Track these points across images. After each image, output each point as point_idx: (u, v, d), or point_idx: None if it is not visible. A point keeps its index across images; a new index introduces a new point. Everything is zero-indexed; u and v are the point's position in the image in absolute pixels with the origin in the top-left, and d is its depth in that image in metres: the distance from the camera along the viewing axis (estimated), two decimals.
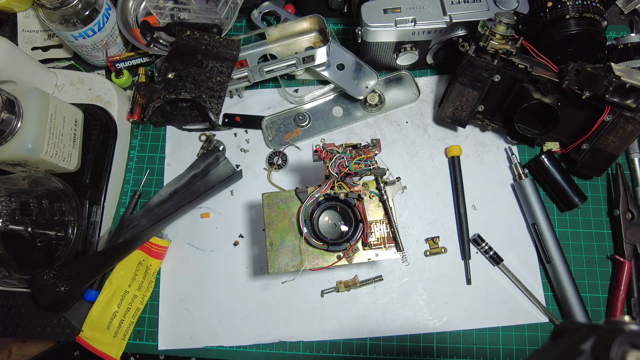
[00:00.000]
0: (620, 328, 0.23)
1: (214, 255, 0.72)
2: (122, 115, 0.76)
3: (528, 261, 0.69)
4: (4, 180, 0.62)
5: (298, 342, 0.68)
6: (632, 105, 0.59)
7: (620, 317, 0.27)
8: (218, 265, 0.71)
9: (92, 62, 0.81)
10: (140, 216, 0.71)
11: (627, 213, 0.69)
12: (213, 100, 0.68)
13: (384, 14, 0.67)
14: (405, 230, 0.71)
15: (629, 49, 0.72)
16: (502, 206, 0.72)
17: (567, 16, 0.64)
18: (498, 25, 0.60)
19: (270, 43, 0.78)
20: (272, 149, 0.76)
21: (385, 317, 0.68)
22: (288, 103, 0.79)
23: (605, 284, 0.69)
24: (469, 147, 0.75)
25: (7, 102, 0.58)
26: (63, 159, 0.65)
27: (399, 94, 0.79)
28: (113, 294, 0.67)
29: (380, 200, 0.55)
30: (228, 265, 0.71)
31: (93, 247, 0.69)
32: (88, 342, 0.66)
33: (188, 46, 0.71)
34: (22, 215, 0.61)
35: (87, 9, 0.70)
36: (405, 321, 0.68)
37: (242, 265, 0.71)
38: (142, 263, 0.69)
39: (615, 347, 0.23)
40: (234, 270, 0.71)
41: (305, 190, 0.53)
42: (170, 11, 0.77)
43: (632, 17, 0.82)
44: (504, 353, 0.66)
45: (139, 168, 0.77)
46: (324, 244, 0.52)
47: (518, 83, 0.64)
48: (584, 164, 0.68)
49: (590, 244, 0.71)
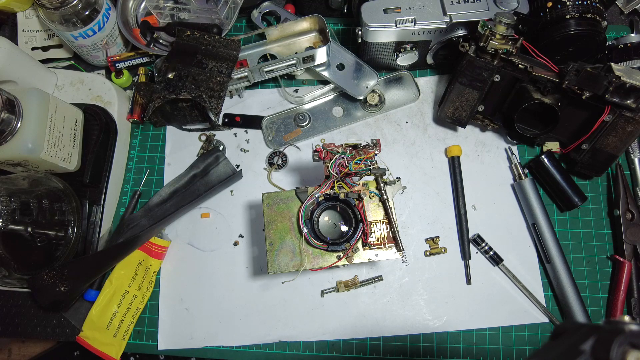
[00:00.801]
0: (620, 328, 0.23)
1: (214, 255, 0.72)
2: (122, 115, 0.76)
3: (528, 261, 0.69)
4: (4, 180, 0.62)
5: (298, 342, 0.68)
6: (632, 105, 0.59)
7: (620, 317, 0.27)
8: (218, 265, 0.71)
9: (92, 62, 0.81)
10: (140, 216, 0.71)
11: (627, 213, 0.69)
12: (213, 100, 0.68)
13: (384, 14, 0.67)
14: (405, 230, 0.71)
15: (629, 49, 0.72)
16: (502, 206, 0.72)
17: (567, 16, 0.64)
18: (498, 25, 0.60)
19: (270, 43, 0.78)
20: (272, 149, 0.76)
21: (385, 317, 0.68)
22: (288, 103, 0.79)
23: (605, 284, 0.69)
24: (469, 147, 0.75)
25: (7, 102, 0.58)
26: (63, 159, 0.65)
27: (399, 94, 0.79)
28: (113, 294, 0.67)
29: (380, 200, 0.55)
30: (228, 265, 0.71)
31: (93, 247, 0.69)
32: (88, 342, 0.66)
33: (188, 46, 0.71)
34: (22, 215, 0.61)
35: (87, 9, 0.70)
36: (405, 321, 0.68)
37: (242, 265, 0.71)
38: (142, 263, 0.69)
39: (615, 347, 0.23)
40: (234, 270, 0.71)
41: (305, 190, 0.53)
42: (170, 11, 0.77)
43: (632, 17, 0.82)
44: (504, 353, 0.66)
45: (139, 168, 0.77)
46: (324, 244, 0.52)
47: (518, 83, 0.64)
48: (584, 164, 0.68)
49: (590, 244, 0.71)
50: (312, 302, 0.69)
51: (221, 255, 0.72)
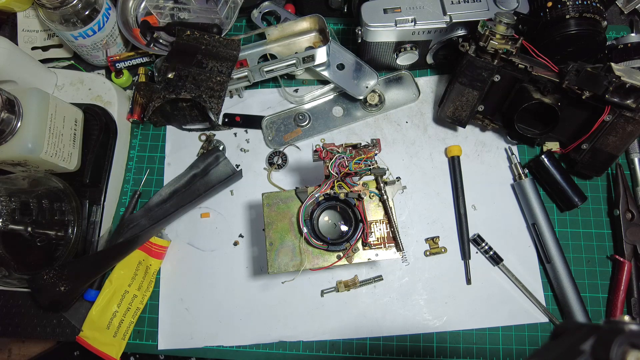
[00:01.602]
0: (620, 328, 0.23)
1: (214, 255, 0.72)
2: (122, 115, 0.76)
3: (528, 261, 0.69)
4: (4, 180, 0.62)
5: (298, 342, 0.68)
6: (632, 105, 0.59)
7: (620, 317, 0.27)
8: (218, 265, 0.71)
9: (92, 62, 0.81)
10: (140, 216, 0.71)
11: (627, 213, 0.69)
12: (213, 100, 0.68)
13: (384, 14, 0.67)
14: (405, 230, 0.71)
15: (629, 49, 0.72)
16: (502, 206, 0.72)
17: (567, 16, 0.64)
18: (498, 25, 0.60)
19: (270, 43, 0.78)
20: (272, 148, 0.76)
21: (385, 317, 0.68)
22: (288, 103, 0.79)
23: (605, 284, 0.69)
24: (469, 147, 0.75)
25: (7, 102, 0.58)
26: (63, 159, 0.65)
27: (399, 94, 0.79)
28: (113, 294, 0.67)
29: (380, 200, 0.55)
30: (228, 265, 0.71)
31: (93, 247, 0.69)
32: (88, 342, 0.66)
33: (188, 46, 0.71)
34: (22, 215, 0.61)
35: (87, 8, 0.70)
36: (405, 321, 0.68)
37: (242, 265, 0.71)
38: (142, 263, 0.69)
39: (615, 347, 0.23)
40: (234, 270, 0.71)
41: (305, 190, 0.53)
42: (170, 11, 0.77)
43: (632, 17, 0.82)
44: (503, 353, 0.66)
45: (139, 168, 0.77)
46: (324, 243, 0.52)
47: (518, 83, 0.64)
48: (584, 164, 0.68)
49: (590, 244, 0.71)
50: (312, 302, 0.69)
51: (221, 255, 0.72)
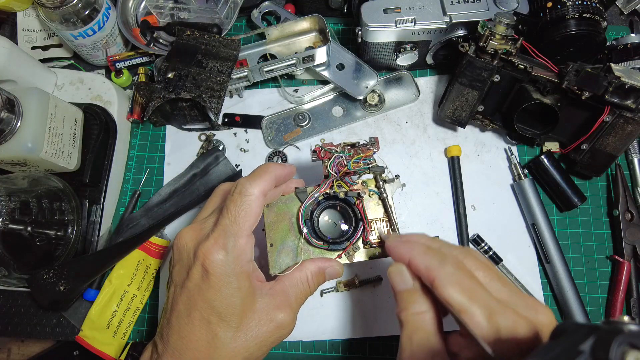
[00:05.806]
0: (619, 328, 0.23)
1: None
2: (122, 114, 0.76)
3: (527, 261, 0.69)
4: (4, 179, 0.62)
5: (297, 342, 0.68)
6: (632, 106, 0.59)
7: (620, 317, 0.27)
8: None
9: (92, 61, 0.81)
10: (140, 216, 0.71)
11: (626, 213, 0.69)
12: (213, 100, 0.68)
13: (384, 14, 0.67)
14: (405, 230, 0.71)
15: (628, 49, 0.72)
16: (502, 206, 0.72)
17: (566, 16, 0.64)
18: (498, 25, 0.60)
19: (270, 43, 0.78)
20: (272, 148, 0.76)
21: (384, 317, 0.68)
22: (288, 103, 0.79)
23: (605, 284, 0.69)
24: (468, 147, 0.75)
25: (7, 102, 0.58)
26: (63, 159, 0.65)
27: (398, 94, 0.79)
28: (112, 294, 0.67)
29: (380, 198, 0.55)
30: None
31: (93, 247, 0.69)
32: (87, 342, 0.66)
33: (188, 46, 0.71)
34: (22, 215, 0.61)
35: (87, 8, 0.70)
36: None
37: None
38: (142, 262, 0.69)
39: (615, 348, 0.23)
40: None
41: (304, 190, 0.53)
42: (170, 11, 0.77)
43: (632, 18, 0.82)
44: None
45: (138, 168, 0.77)
46: (324, 243, 0.52)
47: (518, 83, 0.64)
48: (583, 165, 0.68)
49: (589, 244, 0.71)
50: (312, 301, 0.69)
51: None
